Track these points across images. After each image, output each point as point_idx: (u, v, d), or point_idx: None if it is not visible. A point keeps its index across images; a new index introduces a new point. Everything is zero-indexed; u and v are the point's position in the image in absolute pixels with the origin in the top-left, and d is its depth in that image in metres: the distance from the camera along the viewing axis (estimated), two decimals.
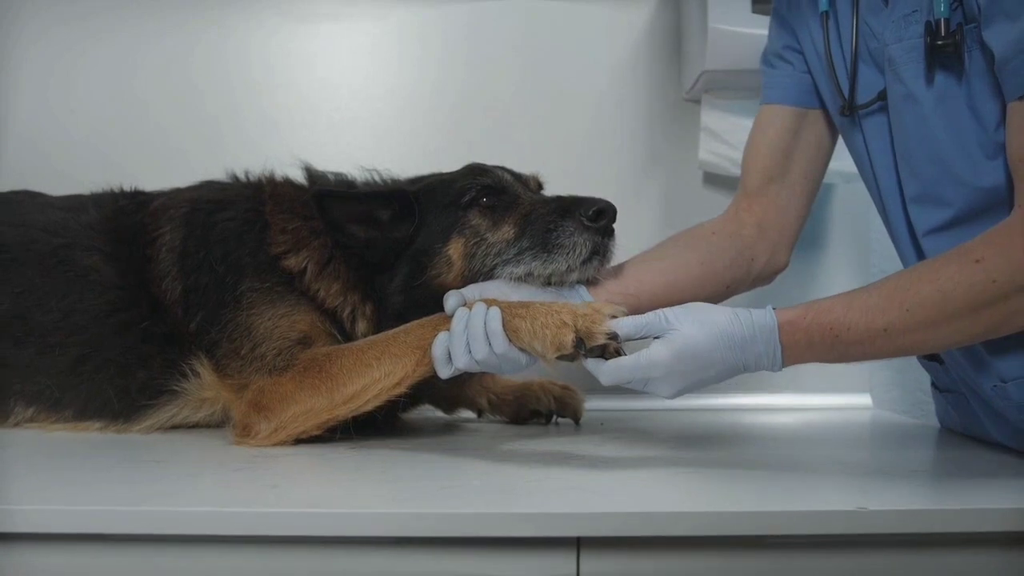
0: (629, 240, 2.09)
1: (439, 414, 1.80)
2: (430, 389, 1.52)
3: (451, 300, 1.37)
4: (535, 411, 1.73)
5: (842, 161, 1.97)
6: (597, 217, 1.43)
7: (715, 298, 1.57)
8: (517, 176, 1.59)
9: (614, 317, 1.24)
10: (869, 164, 1.50)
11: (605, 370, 1.23)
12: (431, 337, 1.31)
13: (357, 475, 1.22)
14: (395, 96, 2.14)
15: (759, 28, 1.86)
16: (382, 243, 1.49)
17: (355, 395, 1.33)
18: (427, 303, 1.43)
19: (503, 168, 1.59)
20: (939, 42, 1.28)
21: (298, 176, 1.65)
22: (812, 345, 1.22)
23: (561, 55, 2.14)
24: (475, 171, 1.55)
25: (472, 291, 1.41)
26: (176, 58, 2.11)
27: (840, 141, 1.64)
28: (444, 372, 1.30)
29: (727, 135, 2.02)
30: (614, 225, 1.47)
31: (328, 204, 1.48)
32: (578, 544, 1.00)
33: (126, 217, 1.62)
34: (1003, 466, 1.32)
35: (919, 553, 1.04)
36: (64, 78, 2.10)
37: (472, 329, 1.27)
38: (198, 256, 1.52)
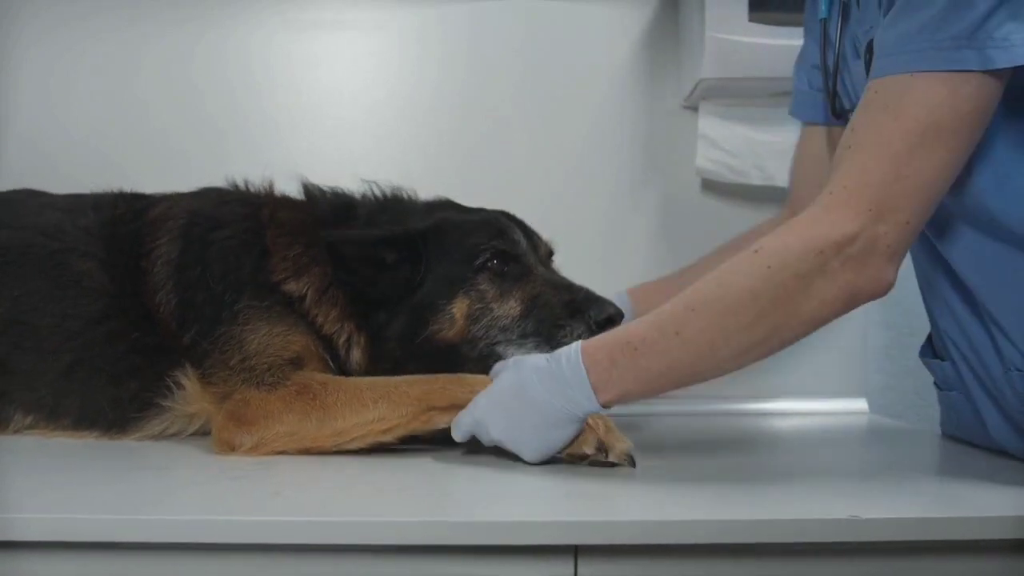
0: (626, 247, 2.12)
1: None
2: None
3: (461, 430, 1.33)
4: None
5: None
6: (606, 324, 1.41)
7: None
8: (530, 236, 1.57)
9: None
10: None
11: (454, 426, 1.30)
12: (434, 396, 1.32)
13: (357, 483, 1.22)
14: (395, 99, 2.14)
15: (756, 36, 1.88)
16: (386, 283, 1.48)
17: (344, 431, 1.33)
18: (425, 356, 1.44)
19: (519, 223, 1.58)
20: None
21: (294, 188, 1.65)
22: (616, 364, 1.20)
23: (559, 61, 2.14)
24: (492, 230, 1.52)
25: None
26: (177, 60, 2.11)
27: None
28: (458, 439, 1.32)
29: (725, 142, 2.03)
30: None
31: (340, 249, 1.47)
32: (575, 552, 1.01)
33: (123, 224, 1.61)
34: (999, 471, 1.32)
35: (913, 561, 1.05)
36: (64, 79, 2.10)
37: None
38: (195, 272, 1.51)
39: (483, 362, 1.43)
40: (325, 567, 1.01)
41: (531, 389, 1.23)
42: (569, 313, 1.43)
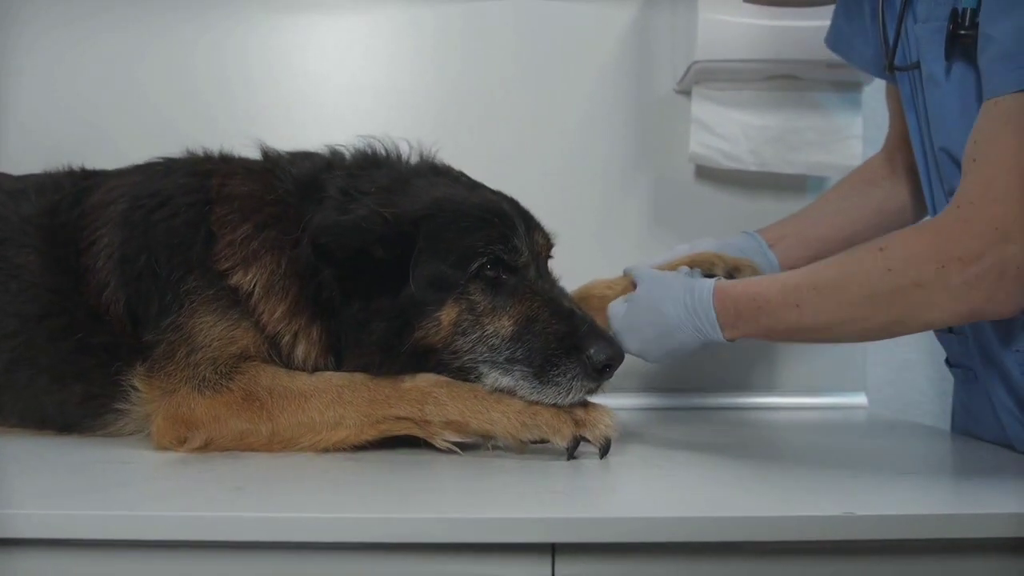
0: (619, 232, 2.09)
1: None
2: None
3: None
4: None
5: (835, 156, 1.97)
6: (604, 369, 1.30)
7: None
8: (530, 230, 1.42)
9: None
10: (920, 137, 1.49)
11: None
12: (379, 407, 1.27)
13: (325, 478, 1.18)
14: (386, 88, 2.10)
15: (751, 17, 1.84)
16: (370, 278, 1.33)
17: (293, 440, 1.28)
18: (407, 360, 1.33)
19: (522, 213, 1.44)
20: (961, 31, 1.30)
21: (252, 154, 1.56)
22: (741, 315, 1.33)
23: (551, 48, 2.10)
24: (494, 231, 1.35)
25: None
26: (177, 51, 2.09)
27: None
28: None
29: (718, 127, 1.98)
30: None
31: (321, 238, 1.33)
32: (553, 550, 0.98)
33: (64, 212, 1.51)
34: (1002, 467, 1.30)
35: (911, 561, 1.02)
36: (68, 73, 2.07)
37: None
38: (139, 262, 1.41)
39: (464, 375, 1.33)
40: (289, 564, 0.98)
41: (668, 315, 1.40)
42: (565, 349, 1.30)
